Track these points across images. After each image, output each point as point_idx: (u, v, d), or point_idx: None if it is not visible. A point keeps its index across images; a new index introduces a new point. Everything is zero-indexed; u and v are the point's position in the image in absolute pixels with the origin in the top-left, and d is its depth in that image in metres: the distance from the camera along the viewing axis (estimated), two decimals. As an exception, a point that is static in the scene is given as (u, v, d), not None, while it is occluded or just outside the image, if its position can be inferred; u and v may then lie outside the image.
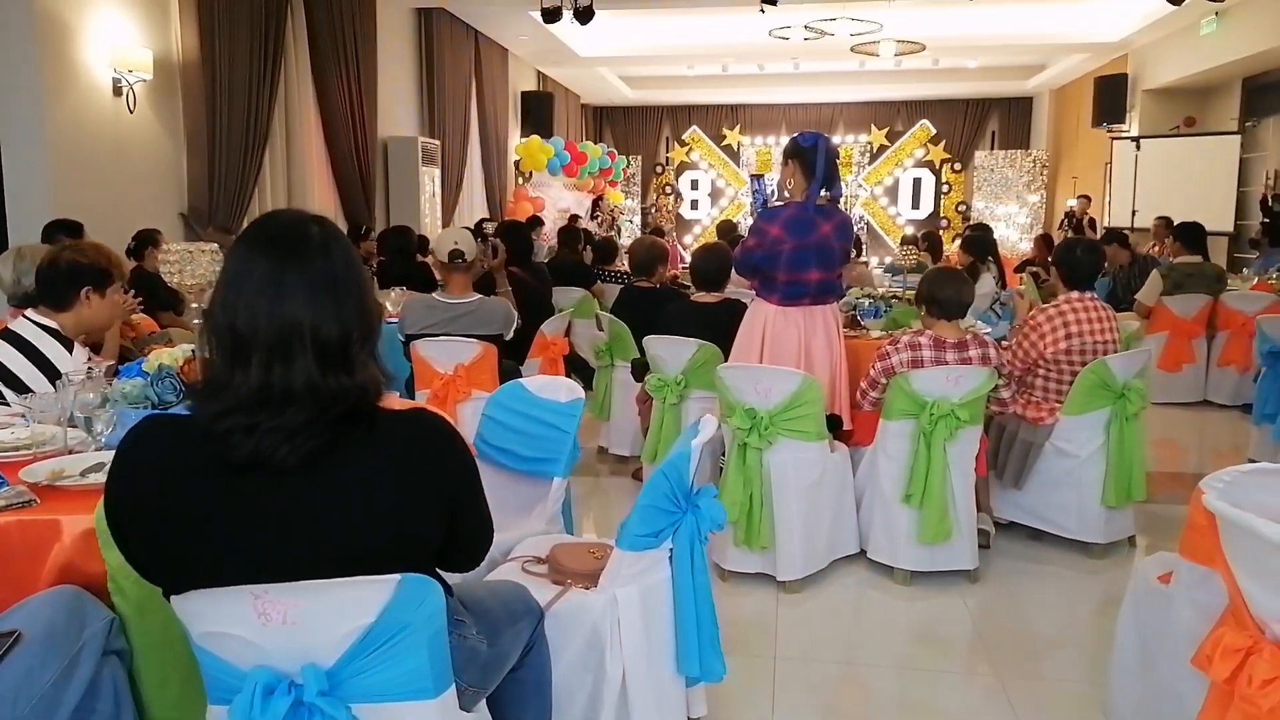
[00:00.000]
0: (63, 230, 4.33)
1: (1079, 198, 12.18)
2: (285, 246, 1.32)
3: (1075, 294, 3.65)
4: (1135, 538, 3.70)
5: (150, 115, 5.63)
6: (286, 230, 1.35)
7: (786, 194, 3.64)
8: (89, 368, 2.24)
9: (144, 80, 5.46)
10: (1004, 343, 3.86)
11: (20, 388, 2.55)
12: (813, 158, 3.47)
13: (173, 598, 1.34)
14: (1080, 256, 3.70)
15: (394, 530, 1.33)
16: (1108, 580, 3.46)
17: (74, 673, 1.54)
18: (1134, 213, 10.65)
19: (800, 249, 3.45)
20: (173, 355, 2.10)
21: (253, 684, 1.30)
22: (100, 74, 5.22)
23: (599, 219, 13.26)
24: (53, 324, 2.66)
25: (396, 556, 1.33)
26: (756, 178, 15.06)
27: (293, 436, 1.25)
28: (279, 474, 1.26)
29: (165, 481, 1.29)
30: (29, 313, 2.71)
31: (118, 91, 5.36)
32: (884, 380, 3.33)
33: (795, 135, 3.60)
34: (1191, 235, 6.44)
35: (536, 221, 9.52)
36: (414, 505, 1.34)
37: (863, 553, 3.51)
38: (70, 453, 1.97)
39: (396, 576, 1.31)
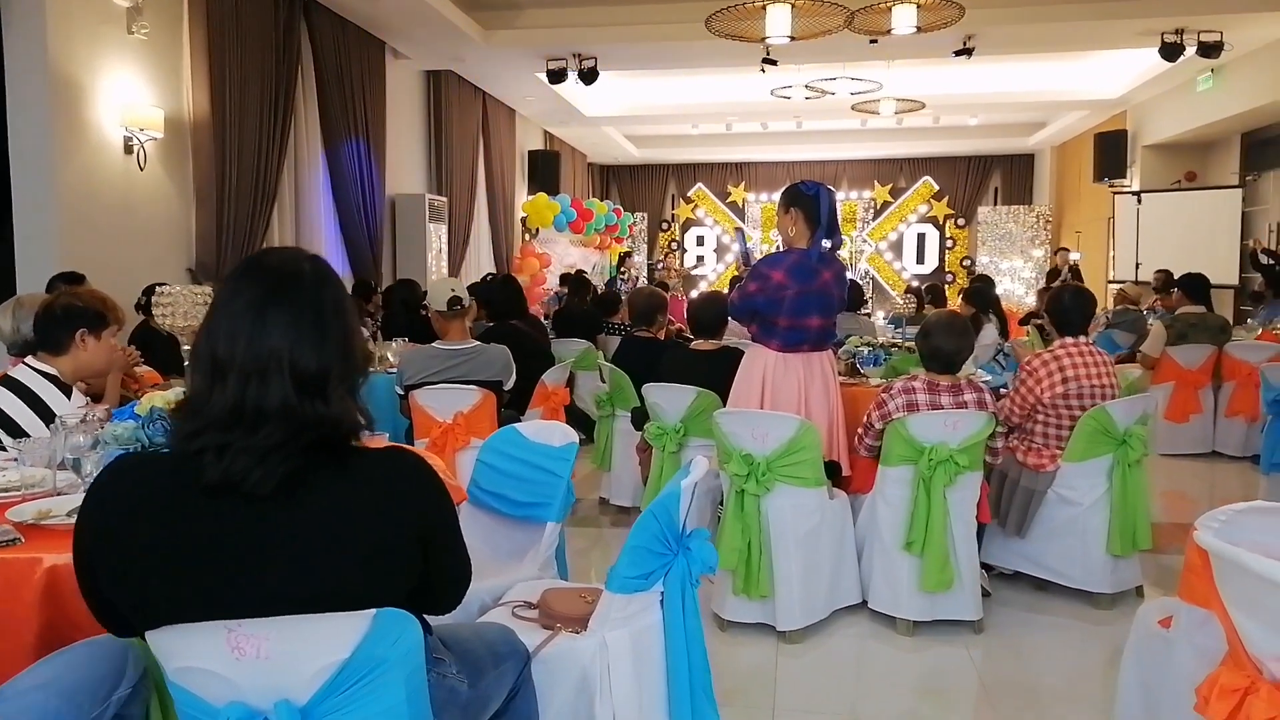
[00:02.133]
0: (64, 281, 4.39)
1: (1059, 250, 12.30)
2: (275, 278, 1.35)
3: (1070, 339, 3.65)
4: (1143, 588, 3.63)
5: (160, 172, 5.74)
6: (280, 264, 1.38)
7: (780, 242, 3.67)
8: (84, 411, 2.25)
9: (155, 139, 5.57)
10: (1004, 390, 3.86)
11: (19, 434, 2.56)
12: (816, 206, 3.50)
13: (148, 634, 1.32)
14: (1068, 303, 3.72)
15: (368, 564, 1.31)
16: (1115, 631, 3.38)
17: None
18: (1138, 266, 10.69)
19: (803, 295, 3.47)
20: (165, 398, 2.11)
21: (224, 720, 1.28)
22: (112, 132, 5.33)
23: (625, 275, 13.37)
24: (52, 370, 2.69)
25: (371, 592, 1.31)
26: (739, 230, 15.27)
27: (264, 458, 1.25)
28: (251, 499, 1.25)
29: (135, 512, 1.28)
30: (29, 360, 2.73)
31: (129, 149, 5.46)
32: (880, 426, 3.32)
33: (795, 183, 3.62)
34: (1195, 286, 6.45)
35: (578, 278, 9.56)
36: (388, 540, 1.32)
37: (864, 603, 3.46)
38: (59, 494, 1.97)
39: (372, 611, 1.29)
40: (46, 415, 2.63)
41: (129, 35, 5.43)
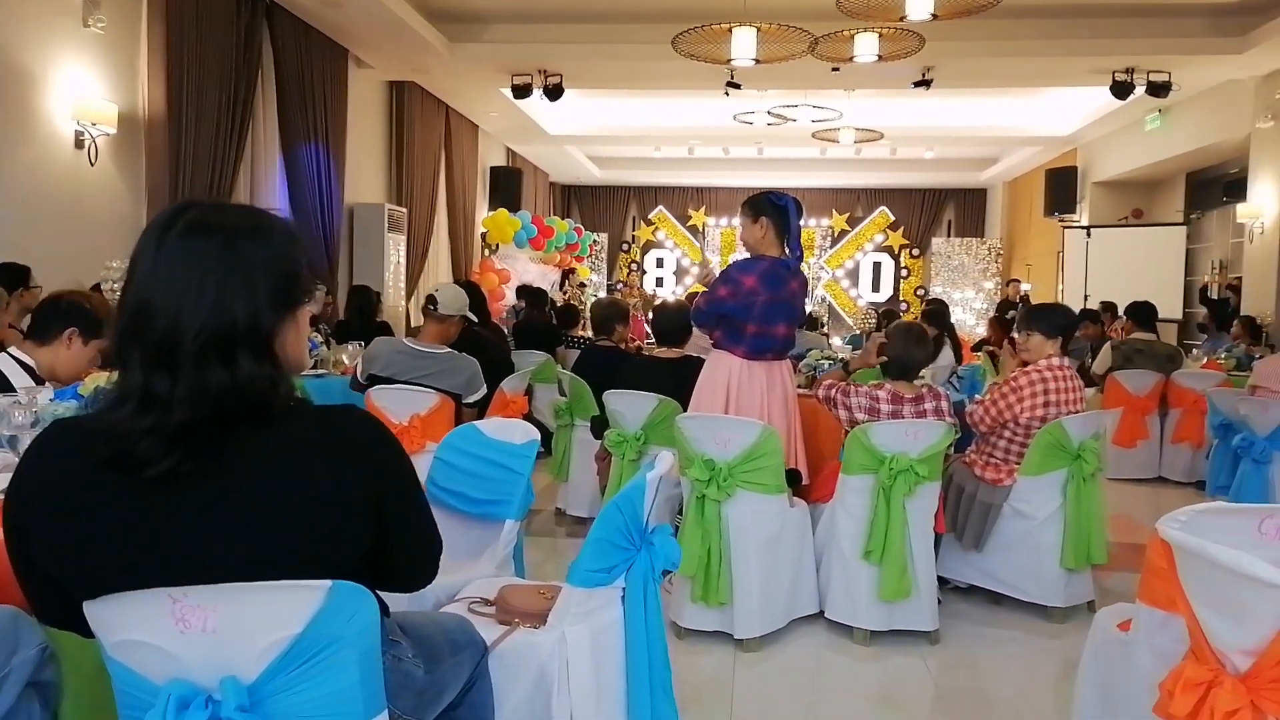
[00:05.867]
0: (8, 273, 4.25)
1: (1010, 281, 12.58)
2: (162, 228, 1.24)
3: (1056, 361, 3.65)
4: (1095, 602, 3.67)
5: (111, 168, 5.59)
6: (177, 212, 1.26)
7: (742, 249, 3.67)
8: (28, 389, 2.16)
9: (107, 134, 5.43)
10: (977, 397, 3.88)
11: None
12: (785, 217, 3.53)
13: (85, 605, 1.25)
14: (1070, 319, 3.76)
15: (309, 526, 1.24)
16: (1067, 645, 3.41)
17: None
18: (1085, 298, 10.94)
19: (772, 303, 3.48)
20: (110, 378, 2.02)
21: (166, 697, 1.21)
22: (62, 125, 5.19)
23: (567, 293, 13.34)
24: (30, 362, 2.60)
25: (319, 563, 1.24)
26: (704, 260, 15.58)
27: (164, 440, 1.17)
28: (157, 480, 1.18)
29: (68, 476, 1.22)
30: (12, 349, 2.65)
31: (79, 144, 5.32)
32: (844, 402, 3.36)
33: (764, 193, 3.61)
34: (1142, 313, 6.62)
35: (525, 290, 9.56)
36: (330, 499, 1.25)
37: (821, 614, 3.44)
38: (-7, 473, 1.88)
39: (327, 583, 1.23)
40: None
41: (84, 28, 5.31)
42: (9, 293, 4.15)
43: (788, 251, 3.56)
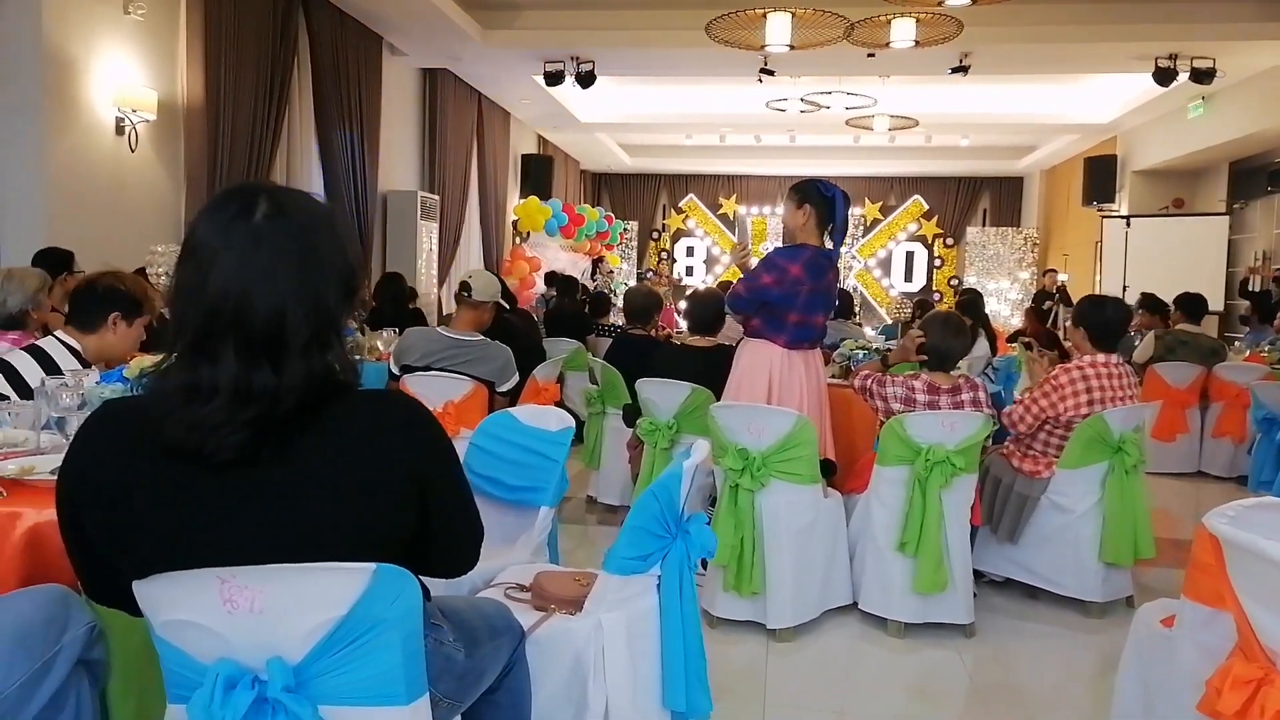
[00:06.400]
0: (53, 258, 4.32)
1: (1047, 271, 12.37)
2: (229, 215, 1.23)
3: (1101, 357, 3.55)
4: (1133, 597, 3.61)
5: (151, 155, 5.66)
6: (231, 198, 1.26)
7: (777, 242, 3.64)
8: (75, 372, 2.19)
9: (147, 120, 5.49)
10: (1016, 396, 3.81)
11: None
12: (831, 208, 3.49)
13: (135, 584, 1.26)
14: (1110, 315, 3.56)
15: (354, 515, 1.25)
16: (1105, 640, 3.37)
17: (44, 678, 1.44)
18: (1125, 289, 10.76)
19: (815, 292, 3.46)
20: (154, 360, 2.05)
21: (214, 677, 1.22)
22: (104, 112, 5.26)
23: (597, 281, 13.36)
24: (77, 345, 2.63)
25: (363, 546, 1.25)
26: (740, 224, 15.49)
27: (215, 431, 1.18)
28: (217, 465, 1.19)
29: (121, 456, 1.23)
30: (57, 332, 2.67)
31: (120, 130, 5.39)
32: (880, 392, 3.33)
33: (812, 180, 3.56)
34: (1191, 305, 6.50)
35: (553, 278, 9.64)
36: (374, 484, 1.25)
37: (855, 605, 3.42)
38: (42, 454, 1.91)
39: (371, 566, 1.24)
40: None
41: (125, 15, 5.37)
42: (53, 278, 4.22)
43: (828, 243, 3.53)
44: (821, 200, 3.46)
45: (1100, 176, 11.87)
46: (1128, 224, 10.98)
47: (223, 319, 1.19)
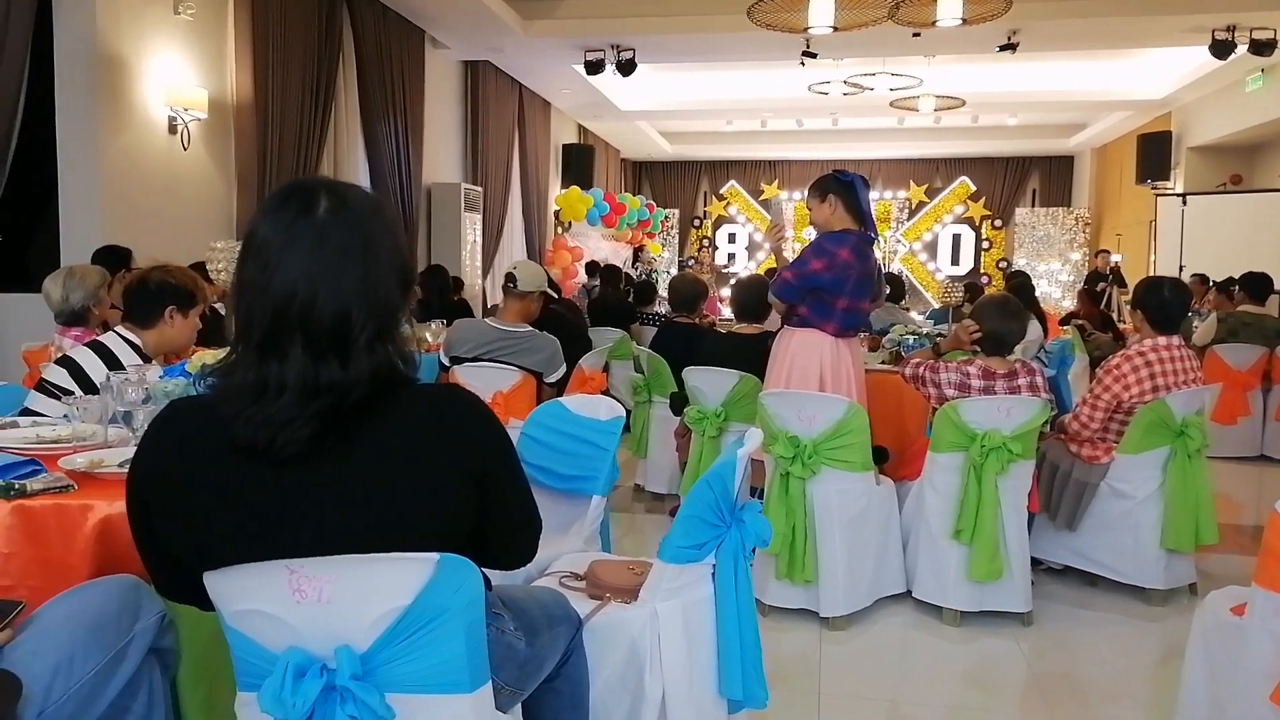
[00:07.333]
0: (111, 255, 4.42)
1: (1100, 252, 12.07)
2: (292, 213, 1.24)
3: (1162, 340, 3.46)
4: (1196, 585, 3.53)
5: (203, 153, 5.76)
6: (293, 193, 1.27)
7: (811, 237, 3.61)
8: (137, 367, 2.24)
9: (199, 119, 5.59)
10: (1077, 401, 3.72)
11: None
12: (854, 193, 3.46)
13: (206, 575, 1.29)
14: (1169, 297, 3.46)
15: (418, 507, 1.26)
16: (1167, 628, 3.30)
17: (118, 667, 1.47)
18: (1180, 269, 10.48)
19: (864, 277, 3.43)
20: (215, 355, 2.09)
21: (284, 665, 1.24)
22: (156, 111, 5.36)
23: (639, 270, 13.36)
24: (137, 340, 2.69)
25: (427, 537, 1.26)
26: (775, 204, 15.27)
27: (284, 427, 1.20)
28: (284, 460, 1.21)
29: (189, 455, 1.25)
30: (118, 328, 2.74)
31: (173, 129, 5.49)
32: (932, 381, 3.29)
33: (829, 173, 3.54)
34: (1256, 285, 6.33)
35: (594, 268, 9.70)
36: (434, 479, 1.27)
37: (908, 593, 3.39)
38: (109, 447, 1.96)
39: (435, 556, 1.25)
40: None
41: (175, 15, 5.46)
42: (112, 275, 4.32)
43: (862, 228, 3.49)
44: (840, 186, 3.43)
45: (1154, 153, 11.56)
46: (1184, 202, 10.67)
47: (290, 316, 1.21)
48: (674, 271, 14.65)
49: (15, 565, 1.63)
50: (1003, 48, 8.24)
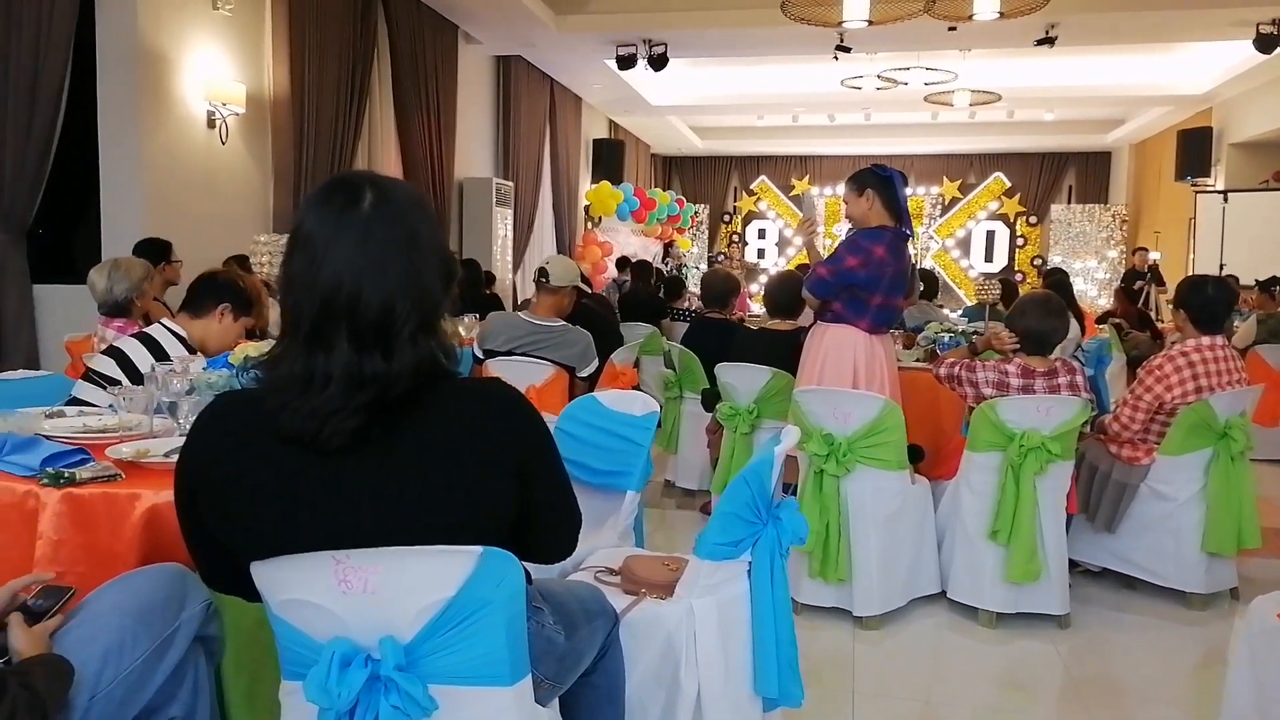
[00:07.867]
0: (153, 248, 4.48)
1: (1137, 250, 11.88)
2: (337, 207, 1.26)
3: (1206, 340, 3.39)
4: (1238, 589, 3.47)
5: (241, 147, 5.83)
6: (337, 187, 1.30)
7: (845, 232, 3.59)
8: (183, 359, 2.27)
9: (236, 114, 5.66)
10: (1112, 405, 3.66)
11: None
12: (892, 187, 3.44)
13: (253, 565, 1.31)
14: (1213, 295, 3.39)
15: (460, 500, 1.27)
16: (1208, 633, 3.25)
17: (165, 654, 1.50)
18: (1221, 268, 10.29)
19: (898, 274, 3.42)
20: (258, 348, 2.11)
21: (330, 655, 1.26)
22: (195, 106, 5.44)
23: (669, 265, 13.36)
24: (183, 333, 2.73)
25: (469, 530, 1.27)
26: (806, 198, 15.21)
27: (329, 419, 1.21)
28: (329, 452, 1.22)
29: (237, 449, 1.27)
30: (164, 320, 2.78)
31: (211, 123, 5.57)
32: (970, 380, 3.24)
33: (866, 167, 3.51)
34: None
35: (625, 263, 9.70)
36: (478, 473, 1.27)
37: (943, 594, 3.36)
38: (155, 437, 1.99)
39: (479, 549, 1.26)
40: None
41: (214, 11, 5.53)
42: (153, 266, 4.38)
43: (898, 224, 3.47)
44: (879, 181, 3.40)
45: (1194, 149, 11.35)
46: (1225, 199, 10.48)
47: (337, 308, 1.22)
48: (704, 267, 14.63)
49: (65, 552, 1.66)
50: (1040, 41, 8.13)
